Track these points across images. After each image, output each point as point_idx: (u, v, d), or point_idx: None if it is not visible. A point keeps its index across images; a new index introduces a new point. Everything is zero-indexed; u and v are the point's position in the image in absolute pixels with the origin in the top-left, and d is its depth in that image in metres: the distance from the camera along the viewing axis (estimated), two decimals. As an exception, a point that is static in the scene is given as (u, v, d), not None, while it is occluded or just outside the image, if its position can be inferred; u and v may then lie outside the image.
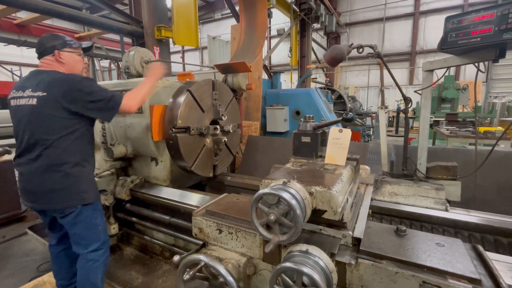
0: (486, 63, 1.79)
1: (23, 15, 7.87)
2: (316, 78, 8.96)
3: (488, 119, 7.75)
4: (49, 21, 8.70)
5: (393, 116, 12.76)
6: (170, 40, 4.58)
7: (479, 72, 1.73)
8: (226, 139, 2.48)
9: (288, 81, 8.95)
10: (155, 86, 2.01)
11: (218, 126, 2.44)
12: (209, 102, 2.42)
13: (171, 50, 5.10)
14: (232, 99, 2.73)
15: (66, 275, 1.93)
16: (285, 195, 0.96)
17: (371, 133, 9.19)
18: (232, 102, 2.73)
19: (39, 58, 1.73)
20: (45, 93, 1.57)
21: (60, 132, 1.60)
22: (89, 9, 9.76)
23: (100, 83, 2.64)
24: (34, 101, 1.57)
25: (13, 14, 7.67)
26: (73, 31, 9.87)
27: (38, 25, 8.54)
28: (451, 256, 1.03)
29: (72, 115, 1.62)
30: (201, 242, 1.49)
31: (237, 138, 2.90)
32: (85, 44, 1.90)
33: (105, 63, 9.59)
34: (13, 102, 1.66)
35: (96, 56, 7.79)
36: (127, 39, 7.20)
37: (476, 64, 1.68)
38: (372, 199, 1.82)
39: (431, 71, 1.92)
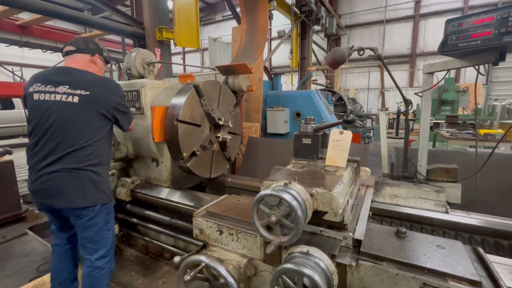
0: (486, 65, 1.79)
1: (25, 16, 7.89)
2: (316, 80, 8.97)
3: (488, 121, 7.76)
4: (50, 22, 8.71)
5: (393, 118, 12.76)
6: (171, 41, 4.60)
7: (479, 74, 1.73)
8: (230, 137, 2.56)
9: (288, 83, 8.96)
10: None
11: (219, 135, 2.48)
12: (200, 111, 2.35)
13: (172, 51, 5.12)
14: (220, 87, 2.56)
15: (67, 276, 1.88)
16: (286, 197, 0.96)
17: (371, 135, 9.20)
18: (221, 90, 2.56)
19: (71, 53, 1.73)
20: (88, 92, 1.58)
21: (94, 132, 1.61)
22: (91, 10, 9.79)
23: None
24: (75, 99, 1.56)
25: (15, 15, 7.70)
26: (74, 32, 9.91)
27: (40, 26, 8.56)
28: (451, 258, 1.03)
29: (106, 117, 1.67)
30: (201, 243, 1.49)
31: (238, 116, 2.88)
32: (108, 58, 2.06)
33: (106, 64, 9.61)
34: (36, 96, 1.59)
35: (97, 57, 7.80)
36: (128, 41, 7.23)
37: (476, 67, 1.69)
38: (372, 201, 1.82)
39: (432, 73, 1.92)
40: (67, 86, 1.58)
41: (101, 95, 1.63)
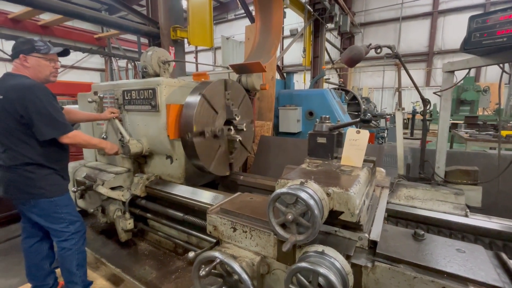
0: (511, 63, 1.72)
1: (46, 17, 8.20)
2: (329, 79, 8.86)
3: (511, 122, 7.43)
4: (70, 23, 9.02)
5: (408, 118, 12.43)
6: (185, 40, 4.66)
7: (503, 73, 1.66)
8: (240, 138, 2.53)
9: (300, 82, 8.89)
10: (98, 148, 2.22)
11: (232, 127, 2.48)
12: (222, 102, 2.42)
13: (185, 50, 5.19)
14: (245, 97, 2.71)
15: (38, 273, 1.95)
16: (303, 195, 0.96)
17: (385, 135, 9.00)
18: (244, 99, 2.71)
19: (11, 61, 1.83)
20: (1, 96, 1.67)
21: (15, 135, 1.69)
22: (108, 10, 10.04)
23: (118, 82, 2.73)
24: None
25: (37, 16, 8.01)
26: (92, 32, 10.20)
27: (60, 26, 8.88)
28: (472, 263, 1.00)
29: (20, 121, 1.68)
30: (214, 240, 1.51)
31: (251, 134, 2.92)
32: (55, 50, 1.87)
33: (122, 62, 9.87)
34: None
35: (114, 56, 8.04)
36: (143, 40, 7.38)
37: (501, 65, 1.62)
38: (387, 202, 1.79)
39: (452, 72, 1.86)
40: None
41: (11, 99, 1.65)
